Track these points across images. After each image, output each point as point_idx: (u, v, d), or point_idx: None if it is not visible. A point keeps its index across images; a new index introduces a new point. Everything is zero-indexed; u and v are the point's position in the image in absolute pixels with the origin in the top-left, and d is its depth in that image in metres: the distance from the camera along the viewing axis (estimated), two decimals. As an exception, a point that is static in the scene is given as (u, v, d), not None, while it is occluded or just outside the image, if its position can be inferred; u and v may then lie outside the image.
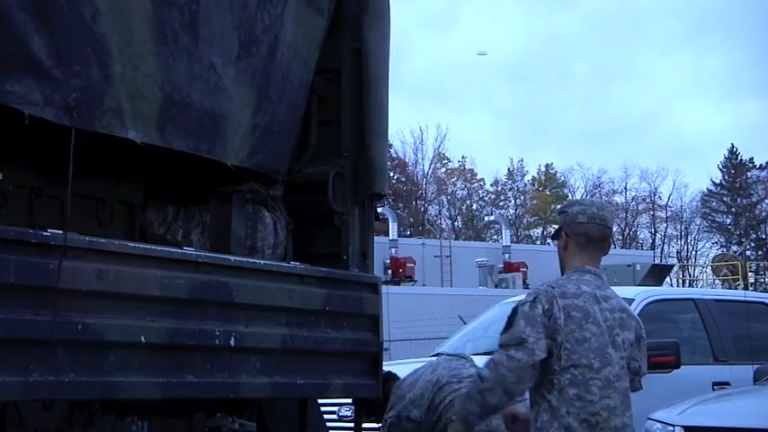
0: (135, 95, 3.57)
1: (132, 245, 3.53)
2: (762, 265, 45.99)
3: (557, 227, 3.70)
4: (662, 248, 52.00)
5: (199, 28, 3.85)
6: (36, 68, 3.21)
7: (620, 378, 3.41)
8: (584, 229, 3.57)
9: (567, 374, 3.35)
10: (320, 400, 4.87)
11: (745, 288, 28.34)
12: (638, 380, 3.56)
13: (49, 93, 3.25)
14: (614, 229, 3.69)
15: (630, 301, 7.28)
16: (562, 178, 54.48)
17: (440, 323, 15.92)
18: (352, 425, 4.97)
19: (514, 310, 3.44)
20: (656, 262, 35.74)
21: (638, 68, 69.99)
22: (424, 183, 50.97)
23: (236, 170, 4.12)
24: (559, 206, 3.84)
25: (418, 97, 69.71)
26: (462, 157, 53.03)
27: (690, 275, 46.85)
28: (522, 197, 54.36)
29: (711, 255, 50.17)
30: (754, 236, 52.38)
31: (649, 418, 5.70)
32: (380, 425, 4.61)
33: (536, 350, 3.32)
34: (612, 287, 3.80)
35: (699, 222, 53.50)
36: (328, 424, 5.35)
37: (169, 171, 4.32)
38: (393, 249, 27.36)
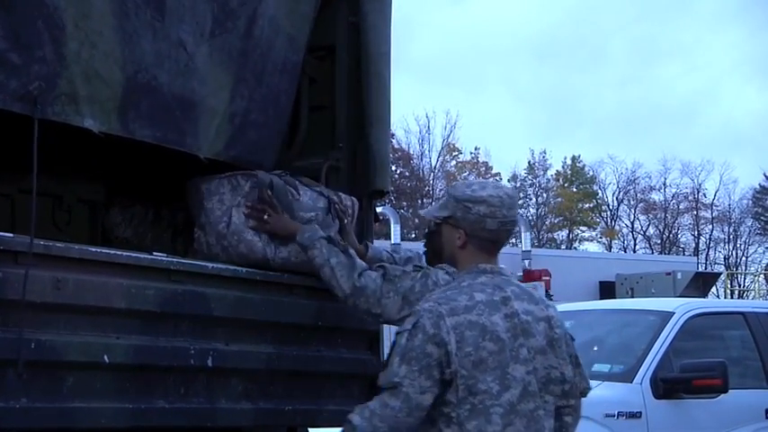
0: (93, 78, 3.57)
1: (94, 250, 3.53)
2: (822, 273, 46.02)
3: (444, 213, 3.57)
4: (707, 254, 52.10)
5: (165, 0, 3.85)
6: None
7: (524, 400, 3.34)
8: (492, 235, 3.50)
9: (466, 405, 3.29)
10: (311, 430, 4.88)
11: (804, 300, 28.36)
12: (568, 387, 3.47)
13: (2, 78, 3.26)
14: (651, 231, 3.66)
15: (670, 314, 7.31)
16: (591, 173, 54.57)
17: (449, 340, 15.90)
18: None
19: (395, 339, 3.40)
20: (700, 270, 35.78)
21: (682, 46, 70.11)
22: (431, 178, 51.03)
23: (213, 164, 4.12)
24: (452, 190, 3.60)
25: (425, 80, 69.82)
26: (475, 149, 53.18)
27: (739, 285, 46.91)
28: (545, 194, 54.42)
29: (764, 261, 50.23)
30: (814, 239, 52.41)
31: (693, 451, 5.71)
32: None
33: (412, 395, 3.28)
34: (650, 299, 3.81)
35: (750, 224, 53.56)
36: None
37: (137, 165, 4.33)
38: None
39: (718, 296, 35.95)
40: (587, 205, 54.28)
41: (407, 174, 49.85)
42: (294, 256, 4.10)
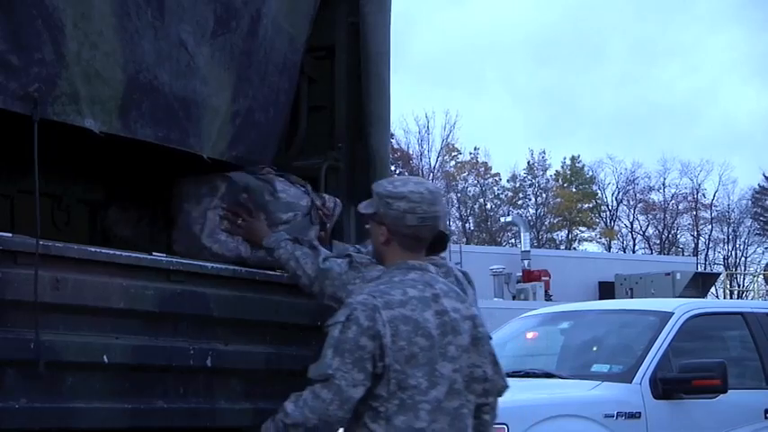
0: (93, 78, 3.57)
1: (93, 250, 3.53)
2: (822, 273, 46.02)
3: (369, 210, 3.54)
4: (706, 254, 52.09)
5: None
6: None
7: (449, 397, 3.35)
8: (413, 231, 3.44)
9: (395, 400, 3.28)
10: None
11: (803, 300, 28.37)
12: (489, 385, 3.48)
13: (2, 78, 3.26)
14: (651, 232, 3.62)
15: (669, 315, 7.31)
16: (590, 173, 54.55)
17: (449, 341, 15.88)
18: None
19: (327, 331, 3.37)
20: (700, 270, 35.80)
21: (681, 46, 70.11)
22: (431, 178, 51.02)
23: (213, 163, 4.12)
24: (376, 186, 3.56)
25: (424, 80, 69.87)
26: (475, 149, 53.12)
27: (738, 285, 46.90)
28: (544, 195, 54.40)
29: (764, 262, 50.22)
30: (813, 240, 52.41)
31: (692, 451, 5.71)
32: None
33: (344, 387, 3.25)
34: (649, 300, 3.79)
35: (749, 224, 53.56)
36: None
37: (136, 164, 4.32)
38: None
39: (717, 296, 35.94)
40: (586, 205, 54.25)
41: (406, 174, 49.83)
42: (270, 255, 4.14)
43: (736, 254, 52.96)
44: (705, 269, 42.18)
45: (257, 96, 4.28)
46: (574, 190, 54.33)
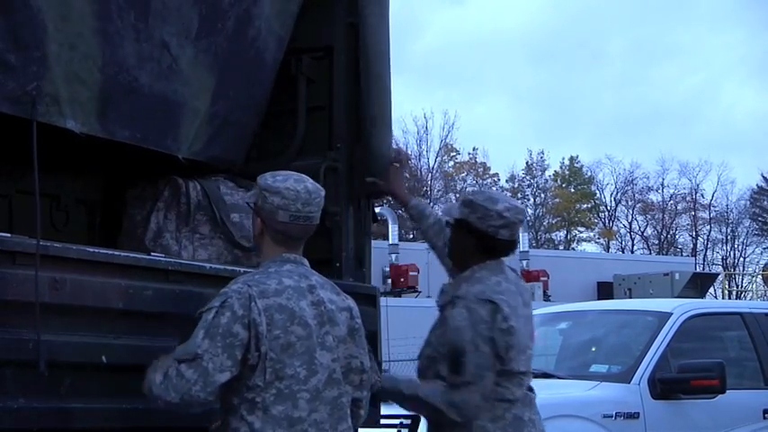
0: (73, 79, 3.58)
1: (92, 250, 3.53)
2: (820, 273, 46.05)
3: (252, 199, 3.51)
4: (704, 255, 52.08)
5: (150, 1, 3.86)
6: None
7: (328, 386, 3.37)
8: (283, 228, 3.45)
9: (272, 390, 3.28)
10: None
11: (801, 300, 28.38)
12: (366, 377, 3.52)
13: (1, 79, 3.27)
14: (649, 232, 3.60)
15: (668, 315, 7.31)
16: (589, 173, 54.55)
17: (447, 341, 15.87)
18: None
19: (198, 317, 3.35)
20: (698, 270, 35.81)
21: (681, 46, 70.11)
22: (430, 178, 51.07)
23: (189, 164, 4.14)
24: (260, 177, 3.52)
25: (422, 80, 69.86)
26: (473, 149, 53.10)
27: (737, 286, 46.93)
28: (543, 195, 54.41)
29: (762, 262, 50.26)
30: (812, 240, 52.42)
31: (690, 451, 5.71)
32: None
33: (211, 370, 3.23)
34: (648, 300, 3.78)
35: (747, 224, 53.56)
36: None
37: (135, 163, 4.33)
38: (393, 255, 27.39)
39: (715, 297, 35.95)
40: (585, 206, 54.24)
41: (405, 174, 49.88)
42: (216, 257, 4.15)
43: (734, 254, 52.98)
44: (704, 269, 42.21)
45: (239, 97, 4.30)
46: (572, 190, 54.32)
